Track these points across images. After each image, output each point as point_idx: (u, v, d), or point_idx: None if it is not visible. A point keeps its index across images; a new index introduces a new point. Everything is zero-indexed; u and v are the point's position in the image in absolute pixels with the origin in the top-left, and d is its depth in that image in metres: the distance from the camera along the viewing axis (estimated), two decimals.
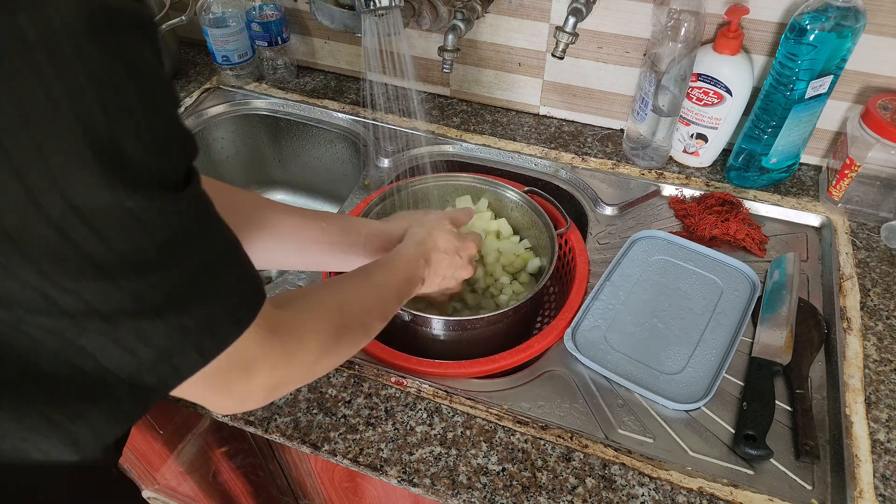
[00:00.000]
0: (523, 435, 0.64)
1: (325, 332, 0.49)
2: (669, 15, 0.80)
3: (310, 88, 1.12)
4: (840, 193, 0.85)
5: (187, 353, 0.35)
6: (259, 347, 0.41)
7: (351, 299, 0.55)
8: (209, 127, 1.10)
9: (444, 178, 0.90)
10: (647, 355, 0.71)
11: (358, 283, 0.58)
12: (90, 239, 0.28)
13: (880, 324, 0.73)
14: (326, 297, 0.52)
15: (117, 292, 0.30)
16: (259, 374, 0.42)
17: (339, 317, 0.51)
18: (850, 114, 0.87)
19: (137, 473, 1.23)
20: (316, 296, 0.52)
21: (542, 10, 0.93)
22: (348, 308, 0.53)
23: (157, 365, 0.34)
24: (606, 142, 1.00)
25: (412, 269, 0.65)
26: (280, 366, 0.44)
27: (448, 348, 0.75)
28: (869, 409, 0.65)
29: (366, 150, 1.01)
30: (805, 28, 0.74)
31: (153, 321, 0.32)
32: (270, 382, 0.44)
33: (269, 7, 1.06)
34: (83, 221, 0.28)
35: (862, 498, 0.59)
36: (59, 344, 0.31)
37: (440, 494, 0.60)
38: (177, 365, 0.35)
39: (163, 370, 0.34)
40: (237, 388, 0.42)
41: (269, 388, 0.44)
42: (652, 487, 0.60)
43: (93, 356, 0.32)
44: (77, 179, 0.27)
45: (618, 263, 0.81)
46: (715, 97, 0.86)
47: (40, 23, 0.25)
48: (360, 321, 0.55)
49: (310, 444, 0.64)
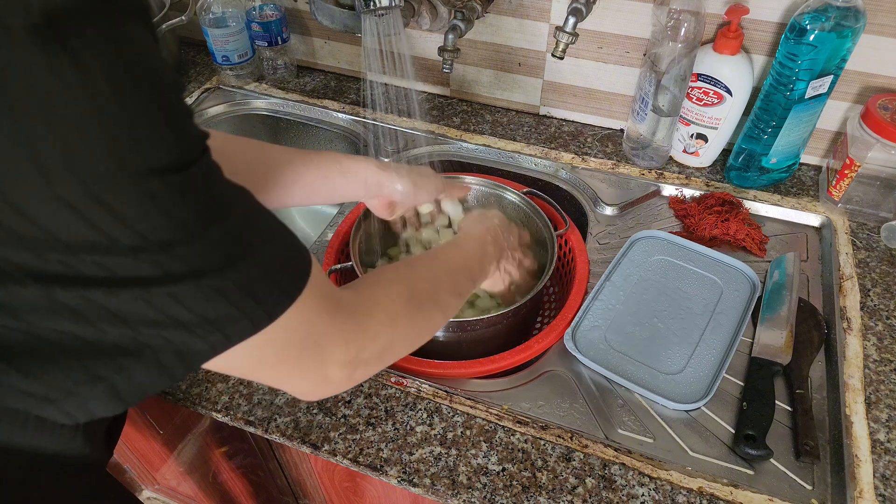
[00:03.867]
0: (523, 435, 0.64)
1: (394, 304, 0.49)
2: (669, 15, 0.80)
3: (310, 88, 1.12)
4: (840, 193, 0.85)
5: (237, 321, 0.35)
6: (327, 323, 0.41)
7: (418, 274, 0.55)
8: (209, 127, 1.09)
9: (444, 178, 0.90)
10: (647, 355, 0.71)
11: (425, 261, 0.59)
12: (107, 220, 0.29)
13: (880, 324, 0.73)
14: (391, 273, 0.53)
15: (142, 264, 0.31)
16: (332, 350, 0.42)
17: (407, 290, 0.51)
18: (850, 114, 0.87)
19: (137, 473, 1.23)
20: (381, 273, 0.53)
21: (542, 10, 0.93)
22: (415, 282, 0.53)
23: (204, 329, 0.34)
24: (606, 142, 1.00)
25: (480, 245, 0.66)
26: (353, 339, 0.44)
27: (448, 349, 0.75)
28: (869, 409, 0.65)
29: (366, 150, 1.01)
30: (805, 28, 0.74)
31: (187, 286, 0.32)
32: (346, 357, 0.44)
33: (269, 7, 1.06)
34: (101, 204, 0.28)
35: (862, 498, 0.59)
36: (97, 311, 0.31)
37: (440, 494, 0.60)
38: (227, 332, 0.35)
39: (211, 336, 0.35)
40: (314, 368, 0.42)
41: (348, 366, 0.44)
42: (652, 487, 0.60)
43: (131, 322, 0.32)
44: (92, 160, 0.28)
45: (618, 263, 0.81)
46: (715, 97, 0.86)
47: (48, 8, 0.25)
48: (431, 295, 0.54)
49: (310, 444, 0.64)
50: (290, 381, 0.43)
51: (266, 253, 0.36)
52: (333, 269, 0.80)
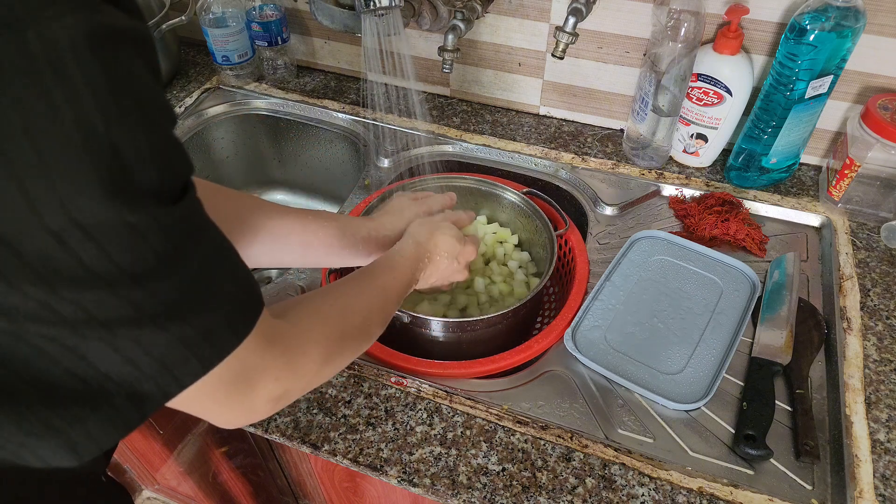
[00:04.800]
0: (523, 435, 0.64)
1: (327, 340, 0.49)
2: (669, 15, 0.80)
3: (310, 88, 1.12)
4: (840, 193, 0.85)
5: (187, 362, 0.35)
6: (260, 358, 0.41)
7: (352, 306, 0.54)
8: (209, 127, 1.10)
9: (444, 178, 0.90)
10: (647, 355, 0.71)
11: (358, 287, 0.57)
12: (89, 250, 0.29)
13: (880, 324, 0.73)
14: (326, 305, 0.52)
15: (116, 301, 0.30)
16: (262, 386, 0.42)
17: (340, 324, 0.51)
18: (850, 114, 0.87)
19: (137, 473, 1.23)
20: (315, 304, 0.52)
21: (542, 10, 0.93)
22: (349, 315, 0.53)
23: (157, 374, 0.34)
24: (606, 142, 1.00)
25: (412, 270, 0.64)
26: (283, 376, 0.44)
27: (448, 349, 0.75)
28: (869, 409, 0.65)
29: (366, 150, 1.01)
30: (805, 28, 0.74)
31: (153, 330, 0.32)
32: (274, 393, 0.43)
33: (269, 7, 1.06)
34: (83, 233, 0.28)
35: (862, 498, 0.59)
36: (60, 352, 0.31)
37: (440, 494, 0.60)
38: (177, 374, 0.35)
39: (163, 379, 0.34)
40: (241, 400, 0.42)
41: (274, 399, 0.44)
42: (652, 487, 0.60)
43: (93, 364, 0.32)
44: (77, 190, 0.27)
45: (618, 263, 0.81)
46: (715, 97, 0.86)
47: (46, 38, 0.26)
48: (362, 327, 0.54)
49: (310, 444, 0.64)
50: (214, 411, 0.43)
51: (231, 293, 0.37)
52: (333, 269, 0.80)
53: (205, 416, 0.43)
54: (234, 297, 0.37)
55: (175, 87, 1.13)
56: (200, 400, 0.40)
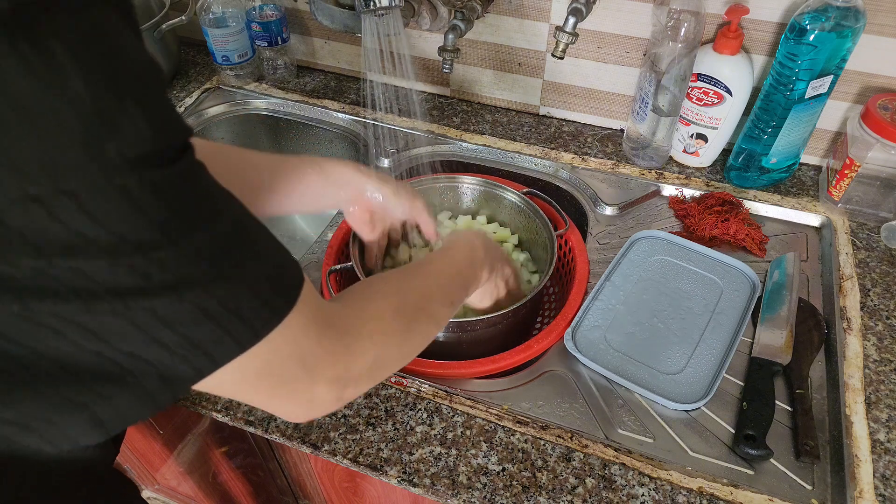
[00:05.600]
0: (523, 435, 0.64)
1: (385, 319, 0.47)
2: (669, 15, 0.80)
3: (310, 88, 1.12)
4: (840, 193, 0.85)
5: (220, 341, 0.33)
6: (314, 341, 0.39)
7: (409, 286, 0.52)
8: (209, 127, 1.10)
9: (444, 178, 0.90)
10: (647, 355, 0.71)
11: (416, 270, 0.56)
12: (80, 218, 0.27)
13: (880, 324, 0.73)
14: (382, 285, 0.51)
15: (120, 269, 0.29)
16: (321, 371, 0.40)
17: (398, 303, 0.49)
18: (850, 114, 0.87)
19: (137, 473, 1.23)
20: (371, 285, 0.50)
21: (542, 10, 0.93)
22: (407, 294, 0.51)
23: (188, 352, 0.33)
24: (606, 142, 1.00)
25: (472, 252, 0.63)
26: (341, 357, 0.41)
27: (448, 349, 0.75)
28: (869, 409, 0.65)
29: (366, 150, 1.01)
30: (805, 28, 0.74)
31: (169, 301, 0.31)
32: (334, 377, 0.41)
33: (269, 7, 1.06)
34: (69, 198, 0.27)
35: (862, 498, 0.59)
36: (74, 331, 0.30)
37: (440, 494, 0.60)
38: (210, 351, 0.33)
39: (195, 357, 0.33)
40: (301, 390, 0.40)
41: (336, 385, 0.42)
42: (652, 487, 0.60)
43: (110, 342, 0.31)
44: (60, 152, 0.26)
45: (618, 263, 0.81)
46: (715, 97, 0.86)
47: None
48: (423, 308, 0.52)
49: (310, 444, 0.64)
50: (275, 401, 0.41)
51: (255, 266, 0.34)
52: (333, 270, 0.80)
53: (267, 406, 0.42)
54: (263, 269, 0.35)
55: (175, 87, 1.13)
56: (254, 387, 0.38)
